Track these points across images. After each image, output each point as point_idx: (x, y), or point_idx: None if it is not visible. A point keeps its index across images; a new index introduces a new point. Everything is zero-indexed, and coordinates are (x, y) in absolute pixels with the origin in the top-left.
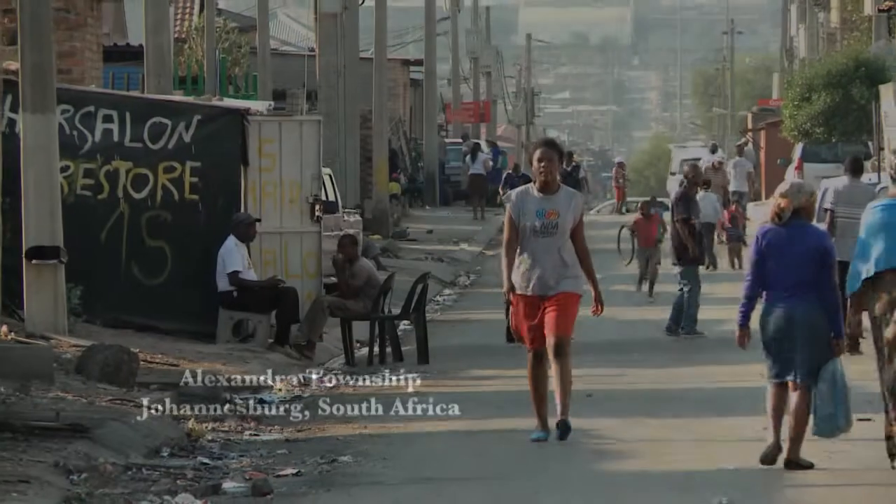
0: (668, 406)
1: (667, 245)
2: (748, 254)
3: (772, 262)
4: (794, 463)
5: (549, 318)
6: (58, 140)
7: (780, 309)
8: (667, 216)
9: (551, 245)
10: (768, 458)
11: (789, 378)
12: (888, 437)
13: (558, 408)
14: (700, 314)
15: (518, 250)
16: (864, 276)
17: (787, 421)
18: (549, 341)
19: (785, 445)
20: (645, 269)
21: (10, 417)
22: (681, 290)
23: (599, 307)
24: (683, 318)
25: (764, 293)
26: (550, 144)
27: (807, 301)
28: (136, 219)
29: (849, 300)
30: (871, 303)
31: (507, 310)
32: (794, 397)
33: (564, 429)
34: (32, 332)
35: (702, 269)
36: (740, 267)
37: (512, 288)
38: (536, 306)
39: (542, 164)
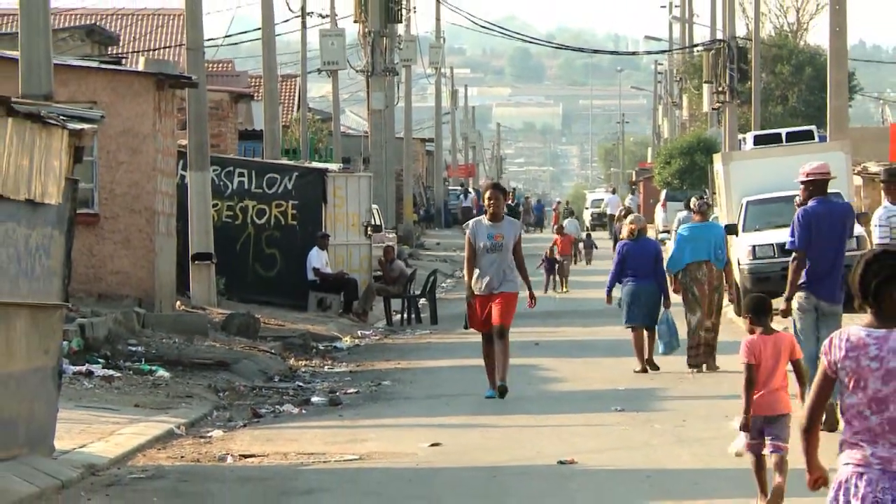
0: (586, 350)
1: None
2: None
3: (628, 262)
4: (651, 362)
5: (495, 311)
6: (210, 188)
7: (635, 286)
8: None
9: (497, 259)
10: (641, 371)
11: (640, 324)
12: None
13: (499, 373)
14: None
15: (475, 264)
16: (680, 266)
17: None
18: (495, 328)
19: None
20: (560, 270)
21: (182, 357)
22: None
23: (533, 301)
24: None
25: (625, 278)
26: (497, 187)
27: (649, 281)
28: (258, 236)
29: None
30: (685, 278)
31: (468, 307)
32: (646, 337)
33: (503, 390)
34: (195, 305)
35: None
36: None
37: (472, 294)
38: (487, 302)
39: (491, 200)
